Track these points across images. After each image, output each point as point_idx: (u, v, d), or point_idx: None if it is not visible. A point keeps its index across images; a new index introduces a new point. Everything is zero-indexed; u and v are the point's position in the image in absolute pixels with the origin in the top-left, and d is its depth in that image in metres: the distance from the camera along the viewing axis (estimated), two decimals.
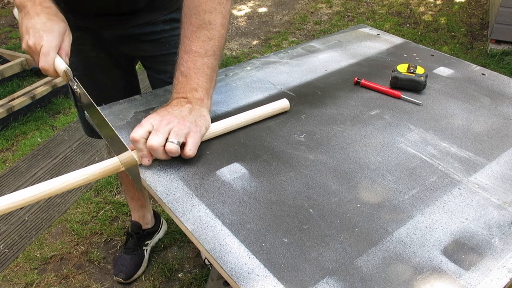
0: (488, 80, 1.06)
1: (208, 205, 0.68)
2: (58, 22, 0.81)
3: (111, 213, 1.89)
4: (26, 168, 2.12)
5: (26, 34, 0.79)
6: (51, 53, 0.78)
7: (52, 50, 0.78)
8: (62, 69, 0.79)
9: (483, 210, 0.68)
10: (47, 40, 0.77)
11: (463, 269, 0.58)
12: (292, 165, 0.77)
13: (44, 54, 0.77)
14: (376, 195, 0.71)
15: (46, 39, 0.77)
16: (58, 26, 0.80)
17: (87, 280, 1.61)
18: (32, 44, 0.78)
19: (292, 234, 0.63)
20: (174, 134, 0.72)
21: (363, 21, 3.85)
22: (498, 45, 3.19)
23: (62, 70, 0.79)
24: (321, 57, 1.16)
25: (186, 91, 0.80)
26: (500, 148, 0.82)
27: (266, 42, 3.54)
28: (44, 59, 0.78)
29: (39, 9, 0.80)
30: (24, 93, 2.49)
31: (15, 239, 1.77)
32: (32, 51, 0.80)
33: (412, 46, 1.24)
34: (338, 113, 0.92)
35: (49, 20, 0.79)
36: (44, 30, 0.78)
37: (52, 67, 0.79)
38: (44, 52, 0.77)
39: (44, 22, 0.79)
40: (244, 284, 0.56)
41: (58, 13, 0.83)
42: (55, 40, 0.79)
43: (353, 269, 0.58)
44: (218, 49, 0.84)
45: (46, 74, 0.80)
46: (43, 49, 0.77)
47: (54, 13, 0.82)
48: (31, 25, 0.79)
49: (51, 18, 0.80)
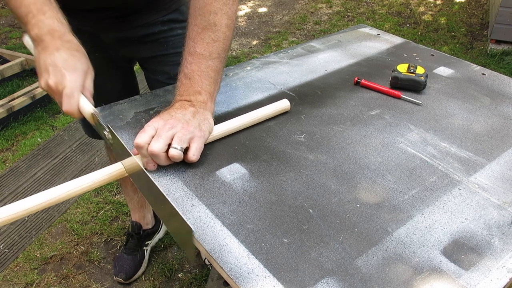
0: (488, 80, 1.06)
1: (208, 205, 0.68)
2: (81, 58, 0.76)
3: (111, 213, 1.89)
4: (26, 168, 2.12)
5: (45, 73, 0.73)
6: (75, 95, 0.72)
7: (76, 91, 0.72)
8: (89, 112, 0.73)
9: (483, 210, 0.68)
10: (70, 81, 0.71)
11: (462, 269, 0.58)
12: (292, 165, 0.77)
13: (67, 96, 0.72)
14: (376, 195, 0.71)
15: (69, 79, 0.71)
16: (81, 63, 0.75)
17: (87, 280, 1.61)
18: (54, 84, 0.72)
19: (291, 234, 0.63)
20: (178, 139, 0.71)
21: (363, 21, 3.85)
22: (498, 45, 3.18)
23: (90, 112, 0.73)
24: (321, 57, 1.16)
25: (190, 94, 0.79)
26: (500, 148, 0.82)
27: (266, 42, 3.54)
28: (68, 102, 0.72)
29: (59, 44, 0.74)
30: (24, 93, 2.49)
31: (15, 239, 1.77)
32: (54, 92, 0.73)
33: (412, 46, 1.24)
34: (338, 113, 0.92)
35: (71, 57, 0.74)
36: (66, 69, 0.72)
37: (77, 110, 0.73)
38: (68, 94, 0.71)
39: (66, 59, 0.73)
40: (243, 284, 0.56)
41: (80, 48, 0.77)
42: (78, 79, 0.73)
43: (352, 269, 0.58)
44: (223, 51, 0.82)
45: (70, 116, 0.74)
46: (66, 91, 0.71)
47: (76, 48, 0.76)
48: (51, 62, 0.72)
49: (73, 54, 0.74)
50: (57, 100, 0.74)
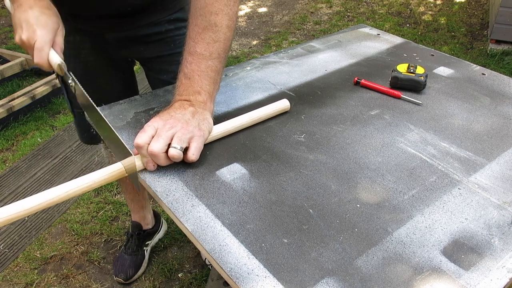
0: (488, 80, 1.06)
1: (208, 205, 0.68)
2: (51, 16, 0.80)
3: (111, 213, 1.89)
4: (26, 168, 2.12)
5: (19, 28, 0.79)
6: (45, 48, 0.78)
7: (46, 45, 0.78)
8: (56, 63, 0.79)
9: (483, 210, 0.68)
10: (40, 35, 0.77)
11: (462, 269, 0.58)
12: (292, 165, 0.77)
13: (38, 49, 0.77)
14: (376, 195, 0.71)
15: (39, 34, 0.77)
16: (51, 21, 0.80)
17: (87, 280, 1.61)
18: (26, 38, 0.78)
19: (291, 234, 0.63)
20: (177, 139, 0.71)
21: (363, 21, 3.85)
22: (498, 45, 3.18)
23: (57, 63, 0.79)
24: (321, 57, 1.16)
25: (189, 93, 0.79)
26: (500, 148, 0.82)
27: (266, 42, 3.54)
28: (38, 54, 0.77)
29: (32, 2, 0.79)
30: (24, 93, 2.49)
31: (15, 239, 1.77)
32: (26, 46, 0.79)
33: (412, 46, 1.24)
34: (338, 113, 0.92)
35: (42, 14, 0.79)
36: (38, 25, 0.77)
37: (47, 62, 0.79)
38: (38, 47, 0.77)
39: (37, 16, 0.78)
40: (243, 284, 0.56)
41: (52, 6, 0.82)
42: (48, 34, 0.78)
43: (352, 269, 0.58)
44: (223, 51, 0.83)
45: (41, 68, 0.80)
46: (37, 44, 0.77)
47: (47, 6, 0.81)
48: (24, 18, 0.78)
49: (44, 12, 0.79)
50: (30, 54, 0.79)
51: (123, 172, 0.72)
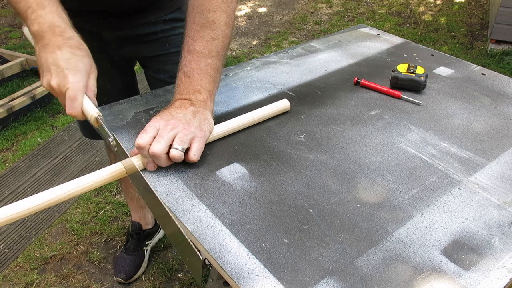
0: (488, 80, 1.06)
1: (208, 205, 0.68)
2: (83, 57, 0.73)
3: (111, 213, 1.89)
4: (26, 168, 2.12)
5: (48, 72, 0.70)
6: (79, 97, 0.70)
7: (79, 93, 0.70)
8: (93, 115, 0.71)
9: (483, 210, 0.68)
10: (73, 82, 0.69)
11: (463, 269, 0.58)
12: (292, 165, 0.77)
13: (71, 99, 0.69)
14: (376, 195, 0.71)
15: (72, 80, 0.69)
16: (83, 63, 0.72)
17: (87, 280, 1.61)
18: (56, 85, 0.70)
19: (292, 234, 0.63)
20: (179, 140, 0.71)
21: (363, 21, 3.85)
22: (498, 45, 3.18)
23: (93, 116, 0.71)
24: (321, 57, 1.16)
25: (189, 92, 0.79)
26: (500, 148, 0.82)
27: (266, 42, 3.54)
28: (71, 105, 0.70)
29: (60, 41, 0.71)
30: (24, 93, 2.49)
31: (15, 239, 1.77)
32: (56, 93, 0.71)
33: (412, 46, 1.24)
34: (338, 113, 0.92)
35: (73, 56, 0.71)
36: (69, 69, 0.69)
37: (81, 113, 0.71)
38: (71, 96, 0.69)
39: (68, 59, 0.70)
40: (244, 284, 0.56)
41: (82, 45, 0.74)
42: (81, 80, 0.70)
43: (353, 269, 0.58)
44: (222, 49, 0.82)
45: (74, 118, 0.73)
46: (69, 93, 0.69)
47: (78, 45, 0.73)
48: (53, 61, 0.70)
49: (75, 53, 0.71)
50: (60, 101, 0.73)
51: (123, 172, 0.72)
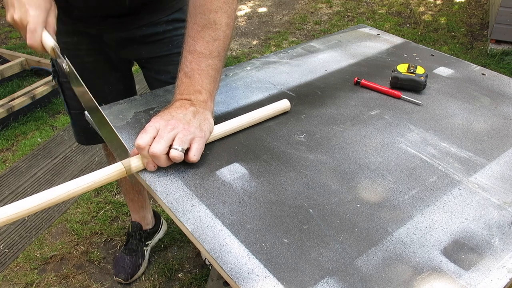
0: (488, 80, 1.06)
1: (208, 205, 0.68)
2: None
3: (111, 213, 1.89)
4: (26, 168, 2.12)
5: (11, 7, 0.76)
6: (38, 30, 0.75)
7: (39, 26, 0.75)
8: (50, 46, 0.77)
9: (483, 210, 0.68)
10: (33, 16, 0.74)
11: (463, 269, 0.58)
12: (292, 165, 0.77)
13: (31, 31, 0.75)
14: (376, 195, 0.71)
15: (32, 14, 0.74)
16: (44, 1, 0.77)
17: (87, 280, 1.61)
18: (18, 19, 0.75)
19: (292, 234, 0.63)
20: (179, 140, 0.71)
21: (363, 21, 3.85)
22: (498, 45, 3.18)
23: (50, 46, 0.77)
24: (321, 57, 1.16)
25: (190, 92, 0.79)
26: (500, 148, 0.82)
27: (266, 42, 3.54)
28: (31, 36, 0.75)
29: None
30: (24, 93, 2.49)
31: (15, 239, 1.77)
32: (18, 26, 0.77)
33: (412, 46, 1.24)
34: (338, 113, 0.92)
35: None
36: (30, 4, 0.75)
37: (40, 44, 0.77)
38: (31, 28, 0.75)
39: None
40: (244, 284, 0.56)
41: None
42: (41, 15, 0.76)
43: (353, 269, 0.58)
44: (223, 50, 0.82)
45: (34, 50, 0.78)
46: (29, 26, 0.75)
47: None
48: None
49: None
50: (22, 34, 0.78)
51: (123, 172, 0.72)
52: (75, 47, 1.09)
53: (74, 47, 1.08)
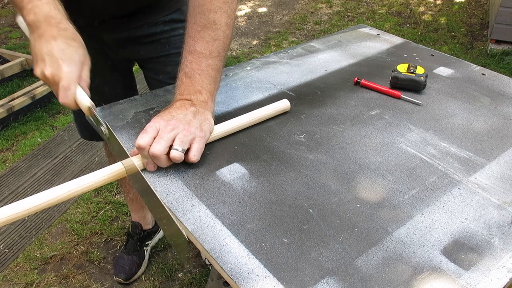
0: (488, 80, 1.06)
1: (208, 205, 0.68)
2: (78, 48, 0.74)
3: (111, 213, 1.89)
4: (26, 168, 2.12)
5: (42, 62, 0.71)
6: (72, 87, 0.71)
7: (72, 83, 0.71)
8: (86, 106, 0.72)
9: (483, 210, 0.68)
10: (66, 72, 0.70)
11: (462, 269, 0.58)
12: (292, 165, 0.77)
13: (64, 89, 0.70)
14: (376, 195, 0.71)
15: (65, 70, 0.70)
16: (77, 54, 0.73)
17: (87, 280, 1.61)
18: (50, 75, 0.70)
19: (292, 234, 0.63)
20: (179, 141, 0.71)
21: (363, 21, 3.85)
22: (498, 45, 3.18)
23: (86, 106, 0.72)
24: (321, 57, 1.16)
25: (190, 93, 0.79)
26: (500, 148, 0.82)
27: (266, 42, 3.54)
28: (64, 94, 0.70)
29: (55, 32, 0.71)
30: (24, 93, 2.49)
31: (15, 239, 1.77)
32: (50, 82, 0.72)
33: (412, 46, 1.24)
34: (338, 113, 0.92)
35: (68, 47, 0.72)
36: (63, 59, 0.70)
37: (74, 102, 0.72)
38: (65, 86, 0.70)
39: (63, 49, 0.71)
40: (244, 284, 0.56)
41: (77, 36, 0.75)
42: (75, 70, 0.71)
43: (352, 269, 0.58)
44: (223, 50, 0.82)
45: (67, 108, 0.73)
46: (63, 83, 0.70)
47: (73, 36, 0.74)
48: (47, 51, 0.70)
49: (69, 44, 0.72)
50: (53, 91, 0.73)
51: (123, 172, 0.72)
52: None
53: None
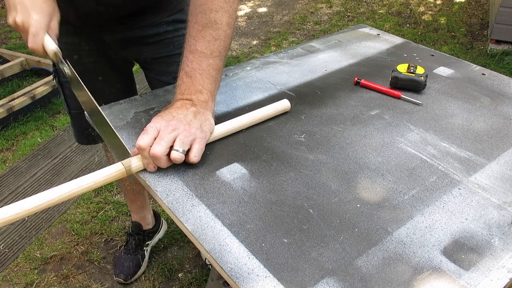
0: (488, 80, 1.06)
1: (208, 205, 0.68)
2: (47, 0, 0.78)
3: (111, 213, 1.89)
4: (26, 168, 2.12)
5: (14, 10, 0.76)
6: (40, 34, 0.76)
7: (41, 30, 0.76)
8: (52, 50, 0.77)
9: (483, 210, 0.68)
10: (36, 20, 0.75)
11: (463, 269, 0.58)
12: (292, 165, 0.77)
13: (33, 34, 0.75)
14: (376, 195, 0.71)
15: (35, 18, 0.75)
16: (47, 5, 0.77)
17: (87, 280, 1.61)
18: (20, 22, 0.76)
19: (292, 234, 0.63)
20: (180, 142, 0.71)
21: (363, 21, 3.85)
22: (498, 45, 3.18)
23: (52, 51, 0.77)
24: (321, 57, 1.16)
25: (191, 92, 0.79)
26: (500, 148, 0.82)
27: (266, 42, 3.54)
28: (33, 39, 0.76)
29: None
30: (24, 93, 2.49)
31: (15, 239, 1.77)
32: (20, 29, 0.77)
33: (412, 46, 1.24)
34: (338, 113, 0.92)
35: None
36: (33, 8, 0.75)
37: (42, 47, 0.77)
38: (33, 32, 0.75)
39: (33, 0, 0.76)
40: (244, 284, 0.56)
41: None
42: (44, 19, 0.76)
43: (353, 269, 0.58)
44: (224, 49, 0.82)
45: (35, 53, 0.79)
46: (32, 29, 0.75)
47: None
48: (19, 1, 0.76)
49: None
50: (23, 37, 0.78)
51: (123, 172, 0.72)
52: (76, 47, 1.09)
53: (74, 47, 1.08)
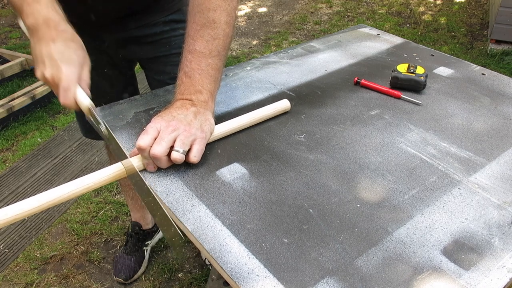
0: (488, 80, 1.06)
1: (208, 205, 0.68)
2: (77, 49, 0.74)
3: (111, 213, 1.89)
4: (26, 168, 2.12)
5: (42, 64, 0.72)
6: (72, 88, 0.71)
7: (72, 84, 0.71)
8: (86, 106, 0.73)
9: (483, 210, 0.68)
10: (66, 73, 0.71)
11: (463, 269, 0.58)
12: (292, 165, 0.77)
13: (64, 89, 0.71)
14: (376, 195, 0.71)
15: (65, 71, 0.71)
16: (77, 55, 0.74)
17: (87, 280, 1.61)
18: (50, 76, 0.71)
19: (292, 234, 0.63)
20: (180, 142, 0.71)
21: (363, 21, 3.85)
22: (498, 45, 3.18)
23: (86, 107, 0.73)
24: (321, 57, 1.16)
25: (191, 92, 0.79)
26: (500, 148, 0.82)
27: (266, 42, 3.54)
28: (64, 95, 0.71)
29: (54, 34, 0.72)
30: (24, 93, 2.49)
31: (15, 239, 1.77)
32: (50, 84, 0.73)
33: (412, 46, 1.24)
34: (338, 113, 0.92)
35: (67, 48, 0.72)
36: (62, 61, 0.71)
37: (74, 103, 0.73)
38: (64, 87, 0.71)
39: (62, 52, 0.71)
40: (244, 284, 0.56)
41: (76, 37, 0.75)
42: (74, 71, 0.72)
43: (353, 269, 0.58)
44: (223, 49, 0.82)
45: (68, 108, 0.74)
46: (62, 84, 0.71)
47: (71, 38, 0.74)
48: (47, 53, 0.71)
49: (68, 45, 0.73)
50: (54, 92, 0.74)
51: (123, 172, 0.72)
52: None
53: None
